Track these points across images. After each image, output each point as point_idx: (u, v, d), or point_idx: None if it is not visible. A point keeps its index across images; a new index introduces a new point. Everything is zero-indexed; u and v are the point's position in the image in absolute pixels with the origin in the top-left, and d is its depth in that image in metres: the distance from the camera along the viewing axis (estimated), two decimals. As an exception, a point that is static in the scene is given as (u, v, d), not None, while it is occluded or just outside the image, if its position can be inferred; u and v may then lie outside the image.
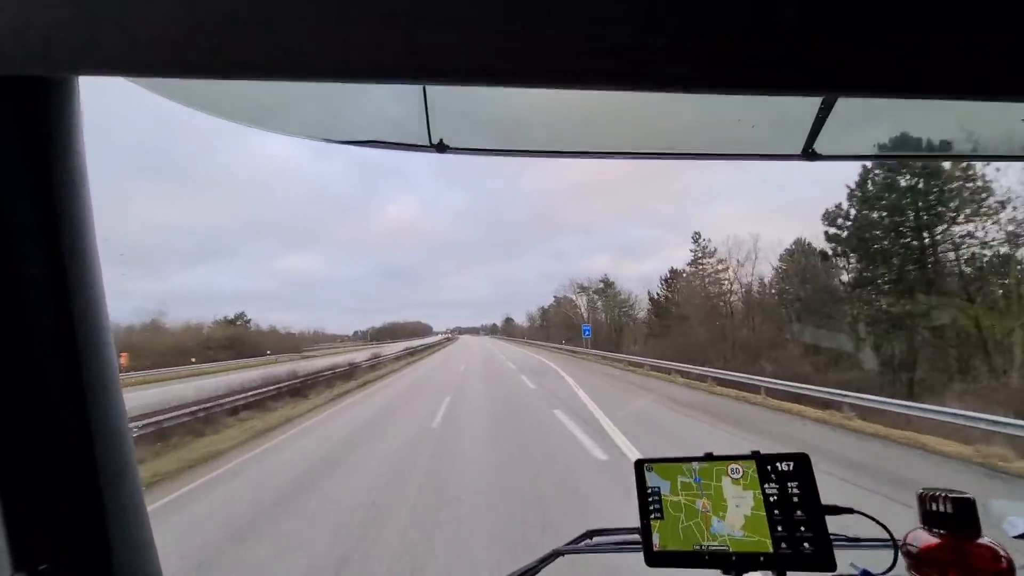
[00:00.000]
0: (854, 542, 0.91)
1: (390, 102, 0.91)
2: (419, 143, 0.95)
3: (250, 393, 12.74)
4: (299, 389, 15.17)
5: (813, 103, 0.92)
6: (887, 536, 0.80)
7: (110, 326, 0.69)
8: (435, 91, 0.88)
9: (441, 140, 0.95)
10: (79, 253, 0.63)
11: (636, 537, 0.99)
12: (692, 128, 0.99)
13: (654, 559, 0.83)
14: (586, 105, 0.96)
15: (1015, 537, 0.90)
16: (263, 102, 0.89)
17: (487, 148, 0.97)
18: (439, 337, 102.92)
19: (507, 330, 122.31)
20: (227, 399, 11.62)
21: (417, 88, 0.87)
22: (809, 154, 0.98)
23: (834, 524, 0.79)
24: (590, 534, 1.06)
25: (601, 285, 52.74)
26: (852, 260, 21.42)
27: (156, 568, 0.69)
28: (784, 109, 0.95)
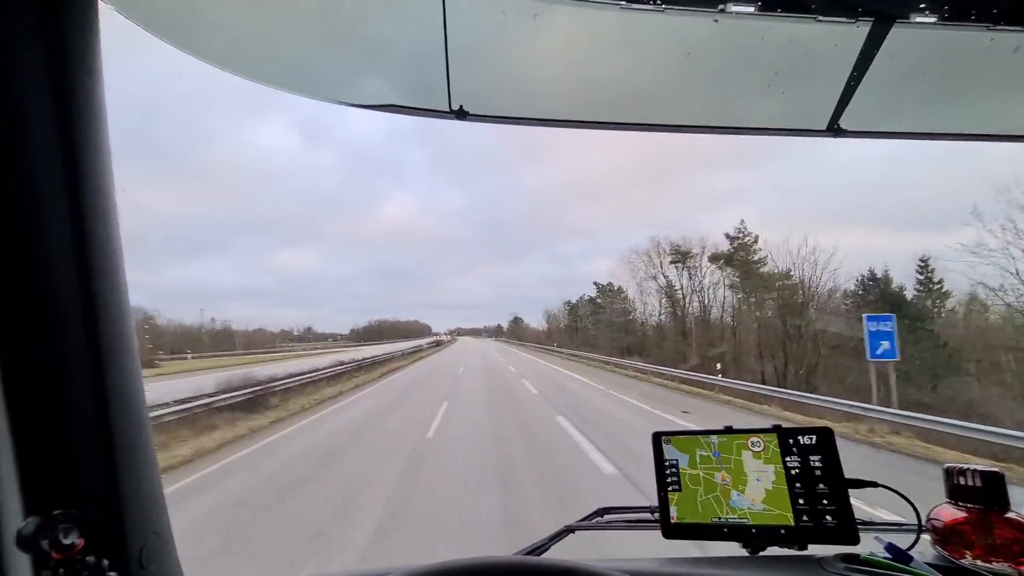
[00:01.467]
0: (876, 524, 0.89)
1: (411, 65, 0.89)
2: (439, 108, 0.93)
3: None
4: None
5: (840, 76, 0.90)
6: (912, 513, 0.79)
7: (127, 284, 0.68)
8: (458, 55, 0.86)
9: (461, 106, 0.93)
10: (98, 197, 0.62)
11: (648, 515, 0.98)
12: (717, 100, 0.97)
13: (671, 531, 0.82)
14: (610, 75, 0.94)
15: None
16: (282, 60, 0.87)
17: (509, 116, 0.95)
18: (421, 342, 65.00)
19: (516, 332, 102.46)
20: None
21: (439, 50, 0.85)
22: (835, 130, 0.96)
23: (858, 505, 0.77)
24: (602, 512, 1.05)
25: (730, 248, 26.48)
26: None
27: (166, 524, 0.68)
28: (811, 83, 0.93)
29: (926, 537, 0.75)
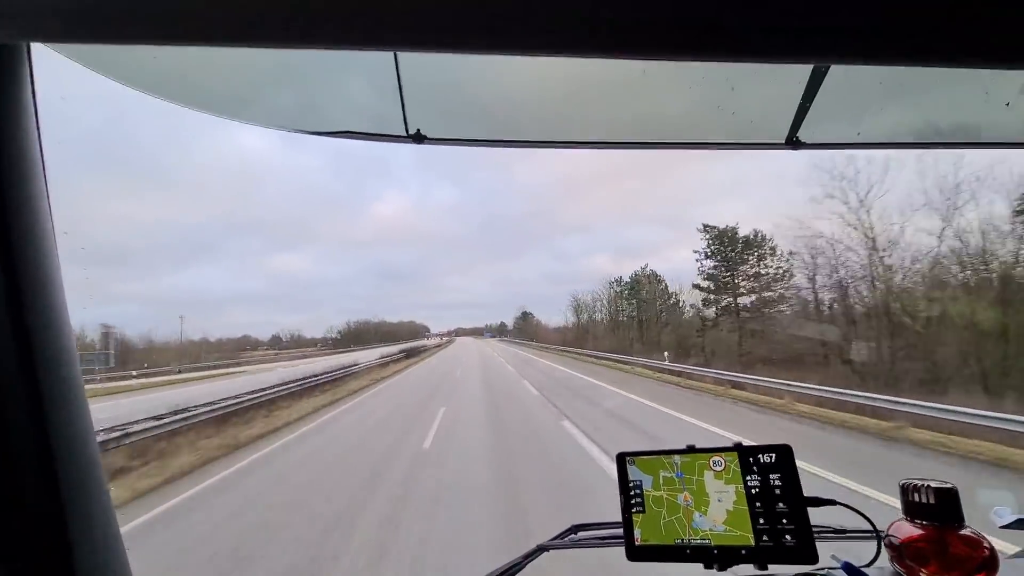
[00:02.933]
0: (838, 534, 0.90)
1: (365, 91, 0.89)
2: (396, 133, 0.93)
3: None
4: None
5: (796, 90, 0.90)
6: (870, 527, 0.80)
7: (71, 324, 0.67)
8: (411, 79, 0.86)
9: (419, 130, 0.93)
10: (35, 247, 0.61)
11: (620, 532, 0.99)
12: (678, 117, 0.97)
13: (635, 553, 0.82)
14: (567, 94, 0.94)
15: (1001, 527, 0.90)
16: (235, 92, 0.86)
17: (466, 139, 0.95)
18: (350, 360, 25.28)
19: (526, 330, 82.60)
20: None
21: (392, 76, 0.85)
22: (793, 143, 0.97)
23: (819, 515, 0.78)
24: (574, 529, 1.05)
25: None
26: None
27: (125, 568, 0.67)
28: (768, 97, 0.93)
29: (885, 552, 0.75)
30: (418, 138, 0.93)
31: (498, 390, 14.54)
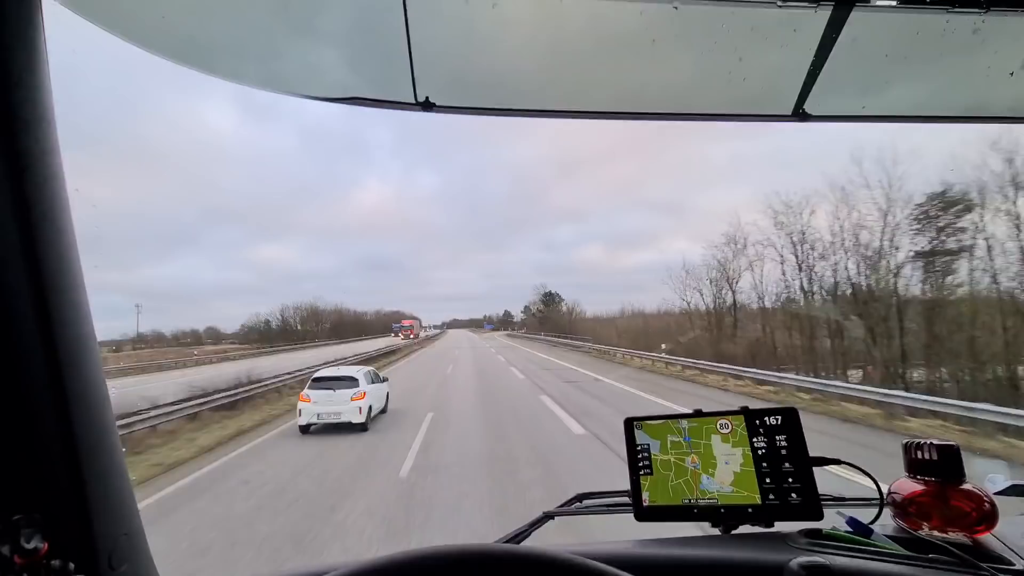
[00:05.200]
0: (841, 497, 0.92)
1: (373, 56, 0.88)
2: (404, 100, 0.92)
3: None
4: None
5: (804, 59, 0.91)
6: (873, 488, 0.82)
7: (86, 286, 0.67)
8: (421, 45, 0.85)
9: (427, 98, 0.92)
10: (50, 203, 0.60)
11: (626, 499, 1.00)
12: (684, 87, 0.97)
13: (643, 514, 0.84)
14: (577, 63, 0.94)
15: (995, 494, 0.93)
16: (239, 53, 0.85)
17: (477, 107, 0.95)
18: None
19: (553, 321, 58.20)
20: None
21: (402, 41, 0.84)
22: (800, 114, 0.97)
23: (825, 479, 0.80)
24: (580, 497, 1.07)
25: None
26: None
27: (137, 524, 0.68)
28: (775, 66, 0.94)
29: (888, 510, 0.77)
30: (427, 106, 0.92)
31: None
